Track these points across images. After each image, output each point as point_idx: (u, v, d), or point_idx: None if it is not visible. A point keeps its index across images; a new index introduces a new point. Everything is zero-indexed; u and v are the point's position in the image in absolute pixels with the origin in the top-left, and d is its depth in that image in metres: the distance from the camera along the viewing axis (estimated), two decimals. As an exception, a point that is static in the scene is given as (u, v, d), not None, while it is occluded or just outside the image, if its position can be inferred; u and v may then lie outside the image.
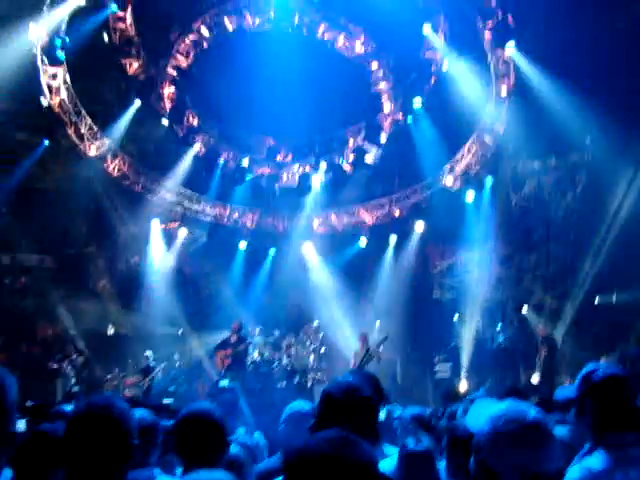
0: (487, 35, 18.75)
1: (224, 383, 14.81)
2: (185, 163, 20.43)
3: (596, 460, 3.15)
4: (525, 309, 19.46)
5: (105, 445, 2.54)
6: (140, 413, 3.92)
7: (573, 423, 3.83)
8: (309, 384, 18.49)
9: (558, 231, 20.27)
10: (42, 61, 17.42)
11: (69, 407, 5.43)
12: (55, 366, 17.95)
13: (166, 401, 15.08)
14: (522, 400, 2.97)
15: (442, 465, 3.90)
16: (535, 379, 16.84)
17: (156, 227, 21.03)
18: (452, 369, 18.85)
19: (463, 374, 18.68)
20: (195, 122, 20.96)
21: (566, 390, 5.08)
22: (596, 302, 16.92)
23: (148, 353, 18.65)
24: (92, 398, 2.65)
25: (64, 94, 18.21)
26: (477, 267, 20.29)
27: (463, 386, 18.30)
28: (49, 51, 17.23)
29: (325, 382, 18.35)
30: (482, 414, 2.59)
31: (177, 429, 3.46)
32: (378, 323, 20.52)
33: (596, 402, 3.34)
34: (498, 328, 18.39)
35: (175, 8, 19.42)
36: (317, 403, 3.27)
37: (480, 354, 18.58)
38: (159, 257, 21.25)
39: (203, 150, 20.78)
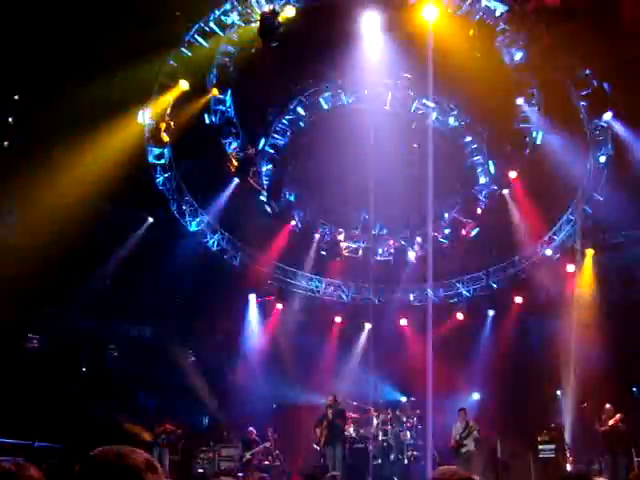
0: (582, 104, 18.57)
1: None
2: (281, 238, 20.85)
3: None
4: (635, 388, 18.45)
5: None
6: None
7: None
8: (406, 462, 17.96)
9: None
10: (149, 143, 18.49)
11: None
12: (153, 438, 18.15)
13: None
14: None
15: None
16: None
17: (253, 301, 21.39)
18: (556, 448, 17.89)
19: (568, 454, 17.66)
20: (292, 198, 21.49)
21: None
22: None
23: (251, 428, 18.73)
24: None
25: (168, 173, 19.18)
26: (581, 340, 19.38)
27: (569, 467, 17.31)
28: (155, 133, 18.31)
29: (422, 460, 17.79)
30: None
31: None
32: (476, 396, 19.92)
33: None
34: (608, 406, 17.25)
35: (272, 90, 20.22)
36: None
37: (586, 433, 17.58)
38: (255, 330, 21.52)
39: (299, 225, 21.19)
